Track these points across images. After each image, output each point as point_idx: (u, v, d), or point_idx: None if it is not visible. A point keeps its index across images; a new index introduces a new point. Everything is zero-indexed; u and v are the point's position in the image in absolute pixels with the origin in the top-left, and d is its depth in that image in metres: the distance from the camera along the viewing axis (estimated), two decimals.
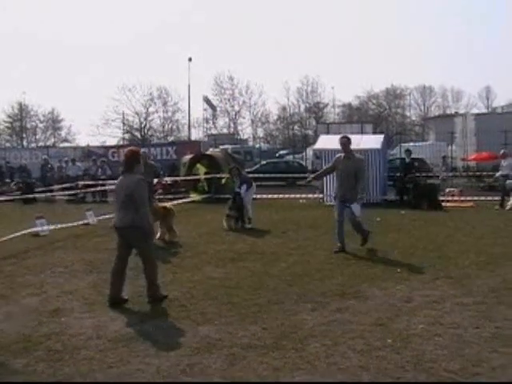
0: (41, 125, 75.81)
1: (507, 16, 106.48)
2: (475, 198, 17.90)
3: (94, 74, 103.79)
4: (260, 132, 77.36)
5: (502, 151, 21.52)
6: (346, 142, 10.23)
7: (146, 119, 70.56)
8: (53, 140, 74.30)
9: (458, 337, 5.48)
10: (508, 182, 18.09)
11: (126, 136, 69.10)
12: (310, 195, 20.72)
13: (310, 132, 68.87)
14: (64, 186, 22.08)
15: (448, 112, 67.72)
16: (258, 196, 14.82)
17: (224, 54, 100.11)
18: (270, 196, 20.43)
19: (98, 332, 5.82)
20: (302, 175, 26.75)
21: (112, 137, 66.58)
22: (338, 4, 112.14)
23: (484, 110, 70.21)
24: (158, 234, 11.56)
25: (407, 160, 20.32)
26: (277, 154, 46.87)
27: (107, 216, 15.12)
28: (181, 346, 5.39)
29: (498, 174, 19.07)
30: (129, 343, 5.47)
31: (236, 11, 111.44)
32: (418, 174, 20.40)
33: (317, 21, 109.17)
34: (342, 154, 10.30)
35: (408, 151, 21.55)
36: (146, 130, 70.65)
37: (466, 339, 5.42)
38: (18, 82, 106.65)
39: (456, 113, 52.03)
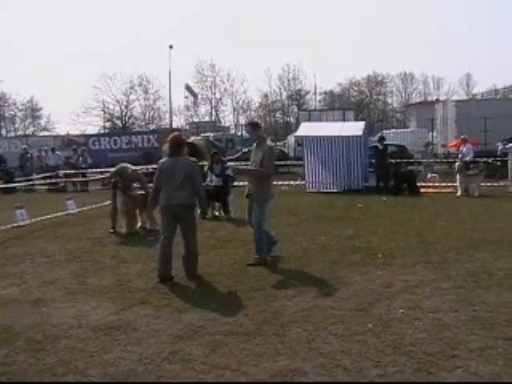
0: (19, 113, 75.00)
1: (486, 4, 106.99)
2: (455, 184, 18.04)
3: (73, 62, 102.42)
4: (242, 119, 77.17)
5: (462, 136, 21.74)
6: (249, 129, 8.73)
7: (126, 107, 70.05)
8: (32, 129, 73.52)
9: (437, 320, 5.55)
10: (458, 163, 18.28)
11: (107, 124, 68.54)
12: (292, 182, 20.77)
13: (292, 119, 69.11)
14: (44, 175, 21.88)
15: (429, 99, 68.12)
16: (241, 183, 14.76)
17: (205, 42, 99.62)
18: None
19: (79, 321, 5.79)
20: (284, 162, 26.85)
21: (92, 125, 66.12)
22: None
23: (464, 97, 70.72)
24: (139, 223, 11.54)
25: (380, 147, 20.36)
26: None
27: (88, 207, 15.13)
28: (163, 334, 5.38)
29: (458, 161, 19.17)
30: (110, 332, 5.45)
31: None
32: (392, 160, 20.51)
33: (298, 8, 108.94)
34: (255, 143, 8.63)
35: (382, 138, 21.57)
36: (127, 118, 70.12)
37: (445, 323, 5.48)
38: None
39: (437, 100, 52.37)
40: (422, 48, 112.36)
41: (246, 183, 8.69)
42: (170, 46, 55.39)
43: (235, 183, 14.47)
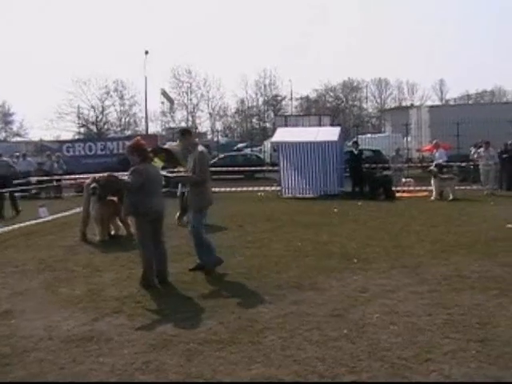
0: None
1: (459, 11, 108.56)
2: (430, 188, 18.22)
3: (47, 66, 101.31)
4: (218, 125, 77.11)
5: (434, 141, 22.00)
6: (179, 137, 8.56)
7: (102, 113, 69.36)
8: (4, 134, 72.36)
9: (411, 324, 5.56)
10: (432, 168, 18.52)
11: (82, 130, 67.84)
12: (268, 188, 20.78)
13: (269, 125, 69.09)
14: (16, 182, 21.47)
15: (404, 104, 68.85)
16: (216, 189, 14.73)
17: (181, 47, 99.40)
18: (228, 189, 20.41)
19: (49, 333, 5.67)
20: (260, 168, 26.88)
21: (66, 131, 65.31)
22: None
23: (438, 103, 71.63)
24: (113, 230, 11.41)
25: (355, 152, 20.48)
26: (235, 147, 46.85)
27: (61, 214, 14.91)
28: (136, 344, 5.30)
29: (432, 166, 19.38)
30: (82, 343, 5.35)
31: (192, 3, 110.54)
32: (367, 165, 20.63)
33: (274, 13, 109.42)
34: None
35: (355, 143, 21.69)
36: (102, 124, 69.44)
37: (420, 326, 5.50)
38: None
39: (411, 105, 52.94)
40: (396, 54, 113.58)
41: (221, 189, 8.63)
42: (146, 52, 55.11)
43: (216, 189, 14.45)
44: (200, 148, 8.06)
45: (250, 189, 21.13)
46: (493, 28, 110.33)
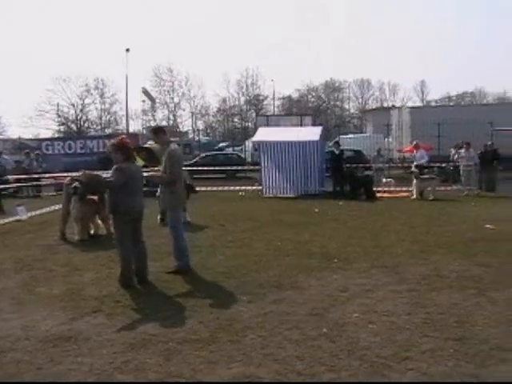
0: None
1: (440, 13, 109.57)
2: (410, 188, 18.36)
3: (26, 64, 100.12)
4: (200, 124, 77.01)
5: (414, 142, 22.20)
6: (152, 136, 8.43)
7: (82, 111, 68.83)
8: None
9: (390, 323, 5.61)
10: (413, 169, 18.72)
11: (62, 128, 67.23)
12: (249, 187, 20.79)
13: (250, 124, 69.12)
14: None
15: (385, 105, 69.28)
16: (197, 188, 14.68)
17: (163, 46, 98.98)
18: (209, 188, 20.37)
19: (27, 333, 5.60)
20: (241, 167, 26.87)
21: (46, 129, 64.72)
22: None
23: (419, 104, 72.23)
24: (92, 229, 11.32)
25: (336, 152, 20.56)
26: (216, 147, 46.79)
27: (39, 211, 14.76)
28: (115, 343, 5.26)
29: (413, 167, 19.56)
30: (60, 343, 5.29)
31: (173, 1, 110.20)
32: (348, 165, 20.71)
33: (256, 12, 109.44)
34: None
35: (336, 143, 21.76)
36: (82, 122, 68.91)
37: (399, 325, 5.54)
38: None
39: (392, 106, 53.21)
40: (378, 55, 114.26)
41: (203, 188, 8.60)
42: (127, 50, 54.77)
43: (197, 188, 14.44)
44: (171, 147, 7.91)
45: (232, 188, 21.12)
46: (474, 30, 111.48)
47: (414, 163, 20.31)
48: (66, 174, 13.45)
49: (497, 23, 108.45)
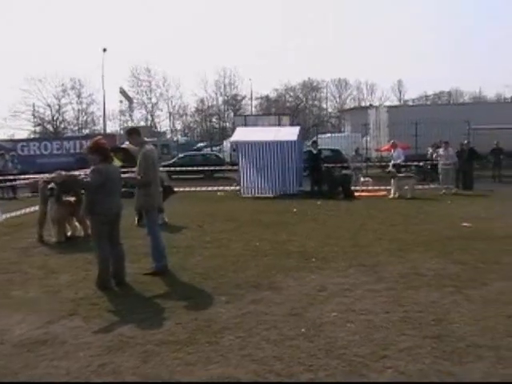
0: None
1: (417, 13, 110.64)
2: (388, 187, 18.47)
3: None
4: (178, 125, 76.79)
5: (391, 141, 22.38)
6: (126, 137, 8.35)
7: (58, 111, 68.17)
8: None
9: (368, 322, 5.62)
10: (390, 168, 18.88)
11: (37, 129, 66.48)
12: (228, 187, 20.76)
13: (228, 124, 69.09)
14: None
15: (363, 104, 69.69)
16: (175, 189, 14.62)
17: (140, 46, 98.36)
18: (187, 189, 20.29)
19: (1, 337, 5.51)
20: (219, 168, 26.82)
21: (21, 129, 63.89)
22: None
23: (396, 103, 72.80)
24: (70, 231, 11.20)
25: (314, 151, 20.60)
26: (194, 147, 46.65)
27: (15, 213, 14.56)
28: (92, 346, 5.20)
29: (390, 166, 19.71)
30: (35, 347, 5.22)
31: (150, 1, 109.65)
32: (326, 165, 20.77)
33: (233, 12, 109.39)
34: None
35: (314, 142, 21.82)
36: (58, 123, 68.23)
37: (376, 324, 5.56)
38: None
39: (370, 105, 53.51)
40: (356, 55, 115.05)
41: (181, 189, 8.54)
42: (104, 49, 54.38)
43: (175, 188, 14.38)
44: (145, 148, 7.84)
45: (210, 188, 21.06)
46: (451, 30, 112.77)
47: (392, 162, 20.46)
48: (42, 176, 13.26)
49: (473, 24, 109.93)
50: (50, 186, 10.57)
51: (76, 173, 11.41)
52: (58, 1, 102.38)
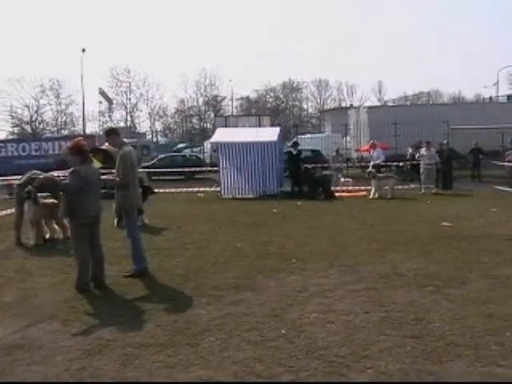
0: None
1: (397, 14, 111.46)
2: (369, 188, 18.55)
3: None
4: (158, 125, 76.41)
5: (370, 142, 22.49)
6: (105, 137, 8.31)
7: (37, 112, 67.54)
8: None
9: (348, 323, 5.63)
10: (370, 169, 19.00)
11: (15, 130, 65.77)
12: (208, 188, 20.71)
13: (209, 125, 68.96)
14: None
15: (343, 105, 70.02)
16: (156, 190, 14.53)
17: (120, 46, 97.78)
18: (167, 190, 20.19)
19: None
20: (199, 169, 26.71)
21: None
22: None
23: (376, 103, 73.24)
24: (48, 234, 11.07)
25: (294, 152, 20.62)
26: (175, 148, 46.47)
27: None
28: (70, 350, 5.14)
29: (370, 167, 19.82)
30: (12, 351, 5.14)
31: (130, 1, 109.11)
32: (307, 166, 20.80)
33: (214, 13, 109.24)
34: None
35: (295, 143, 21.83)
36: (37, 124, 67.58)
37: (357, 324, 5.58)
38: None
39: (350, 105, 53.79)
40: (336, 56, 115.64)
41: (161, 190, 8.48)
42: (83, 50, 53.98)
43: (155, 190, 14.30)
44: (124, 150, 7.79)
45: (190, 190, 20.98)
46: (430, 31, 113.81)
47: (371, 163, 20.54)
48: (19, 177, 13.09)
49: (452, 26, 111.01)
50: (27, 189, 10.44)
51: (54, 174, 11.32)
52: (36, 1, 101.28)
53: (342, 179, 21.40)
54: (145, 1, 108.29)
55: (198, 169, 26.61)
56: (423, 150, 19.64)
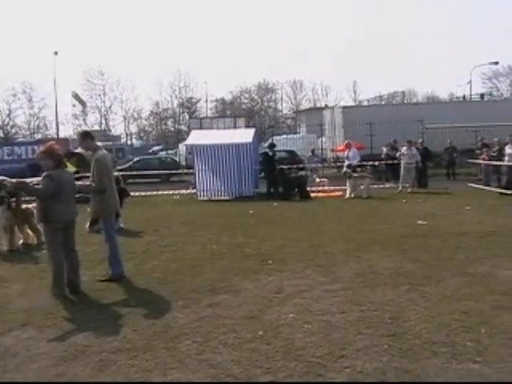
0: None
1: (372, 14, 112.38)
2: (344, 188, 18.62)
3: None
4: (133, 128, 75.85)
5: (345, 142, 22.62)
6: (79, 140, 8.14)
7: (8, 116, 66.58)
8: None
9: (325, 323, 5.66)
10: (345, 169, 19.13)
11: None
12: (184, 191, 20.64)
13: (184, 127, 68.65)
14: None
15: (318, 105, 70.22)
16: (131, 194, 14.42)
17: (93, 48, 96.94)
18: (143, 193, 20.07)
19: None
20: (175, 171, 26.62)
21: None
22: None
23: (351, 103, 73.58)
24: (21, 239, 10.91)
25: (270, 153, 20.63)
26: (150, 150, 46.26)
27: None
28: (45, 357, 5.07)
29: (345, 166, 19.95)
30: None
31: (103, 4, 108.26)
32: (283, 167, 20.84)
33: (187, 14, 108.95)
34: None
35: (272, 145, 21.83)
36: (9, 128, 66.62)
37: (333, 324, 5.60)
38: None
39: (325, 106, 54.01)
40: (310, 56, 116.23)
41: (136, 193, 8.41)
42: (55, 53, 53.41)
43: (131, 193, 14.21)
44: (98, 153, 7.70)
45: (166, 192, 20.85)
46: (405, 31, 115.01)
47: (346, 163, 20.64)
48: None
49: (425, 25, 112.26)
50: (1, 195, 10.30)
51: (27, 180, 11.15)
52: (6, 3, 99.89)
53: (317, 179, 21.47)
54: (117, 3, 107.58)
55: (173, 171, 26.51)
56: (404, 149, 19.74)
